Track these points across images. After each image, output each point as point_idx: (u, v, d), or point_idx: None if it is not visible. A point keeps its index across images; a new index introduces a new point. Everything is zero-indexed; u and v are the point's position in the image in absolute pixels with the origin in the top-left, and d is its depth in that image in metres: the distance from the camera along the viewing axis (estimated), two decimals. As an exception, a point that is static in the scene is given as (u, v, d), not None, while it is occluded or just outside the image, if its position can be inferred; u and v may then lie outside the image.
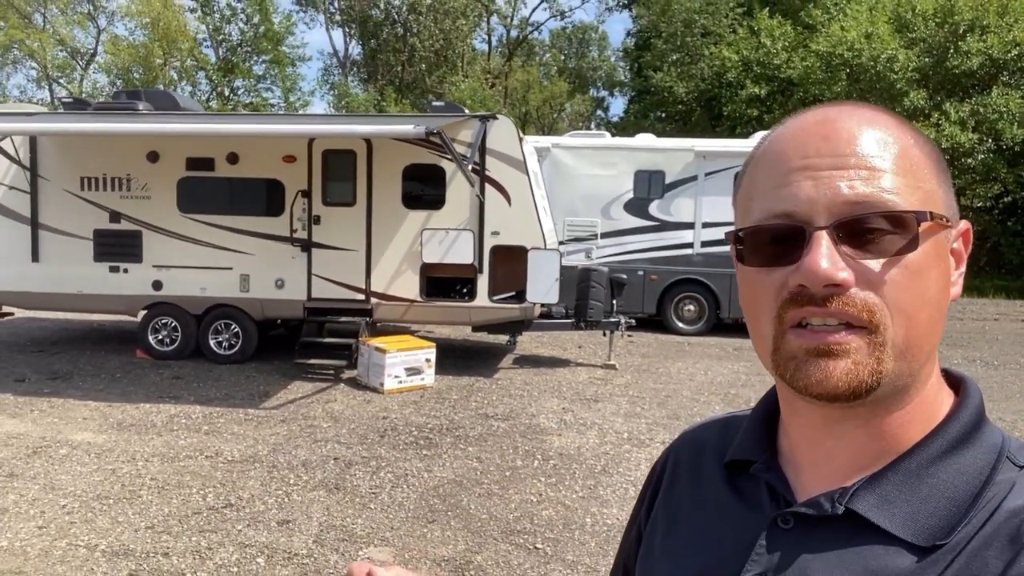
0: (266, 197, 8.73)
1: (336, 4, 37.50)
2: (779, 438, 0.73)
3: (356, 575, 0.74)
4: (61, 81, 30.92)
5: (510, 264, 8.56)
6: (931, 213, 0.61)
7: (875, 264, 0.60)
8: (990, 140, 20.90)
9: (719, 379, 8.96)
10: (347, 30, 37.78)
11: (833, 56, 22.67)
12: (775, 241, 0.63)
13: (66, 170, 8.89)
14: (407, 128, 6.52)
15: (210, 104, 30.08)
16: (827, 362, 0.60)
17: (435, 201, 8.56)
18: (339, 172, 8.64)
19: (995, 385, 8.90)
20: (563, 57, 47.55)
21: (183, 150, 8.69)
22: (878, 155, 0.62)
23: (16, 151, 8.83)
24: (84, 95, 30.36)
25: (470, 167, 7.79)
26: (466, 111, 9.33)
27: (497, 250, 8.49)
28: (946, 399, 0.68)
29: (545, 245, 8.49)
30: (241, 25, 31.20)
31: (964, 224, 0.68)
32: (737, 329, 12.29)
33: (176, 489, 4.90)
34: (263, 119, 10.18)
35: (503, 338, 9.93)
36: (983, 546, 0.59)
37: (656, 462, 0.88)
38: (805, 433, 0.69)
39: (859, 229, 0.60)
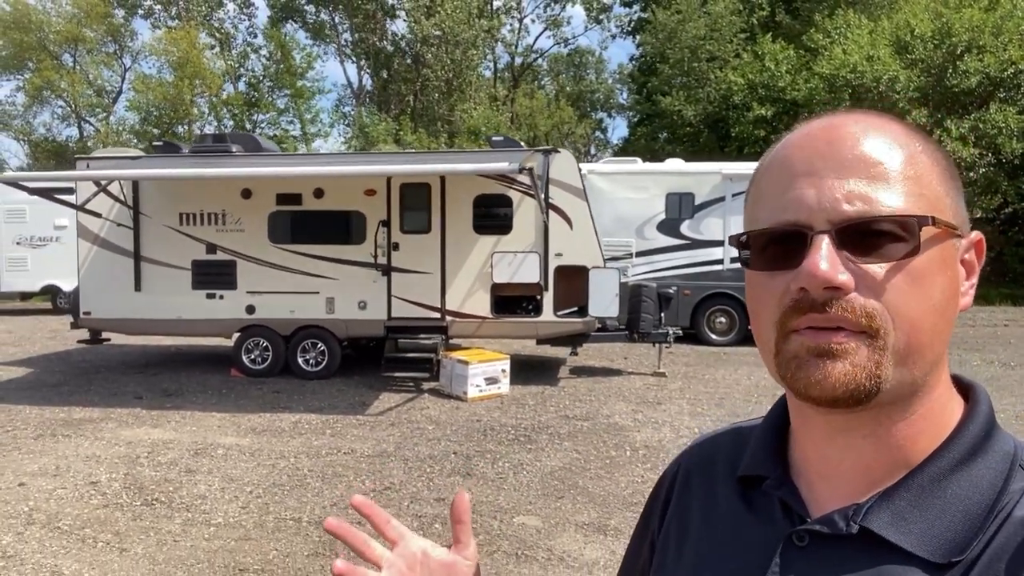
0: (349, 227, 9.66)
1: (348, 38, 38.78)
2: (790, 450, 0.73)
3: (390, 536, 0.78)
4: (90, 120, 32.01)
5: (571, 282, 9.45)
6: (934, 218, 0.60)
7: (876, 269, 0.60)
8: (990, 154, 21.87)
9: (763, 383, 9.81)
10: (359, 64, 39.02)
11: (836, 78, 23.71)
12: (778, 244, 0.63)
13: (166, 207, 9.82)
14: (504, 165, 7.45)
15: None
16: (826, 362, 0.60)
17: (503, 227, 9.48)
18: (415, 203, 9.58)
19: (1015, 383, 9.74)
20: (560, 80, 48.98)
21: (274, 187, 9.61)
22: (883, 160, 0.61)
23: (121, 191, 9.76)
24: (111, 132, 31.46)
25: (540, 196, 8.71)
26: (523, 144, 10.29)
27: (560, 270, 9.39)
28: (956, 408, 0.67)
29: (604, 264, 9.40)
30: (264, 61, 32.42)
31: (976, 235, 0.66)
32: (767, 339, 13.14)
33: (335, 478, 5.76)
34: (350, 159, 11.15)
35: (553, 350, 10.83)
36: (995, 559, 0.59)
37: (664, 473, 0.87)
38: (814, 443, 0.68)
39: (860, 234, 0.60)
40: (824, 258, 0.59)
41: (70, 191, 10.17)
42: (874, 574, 0.61)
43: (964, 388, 0.69)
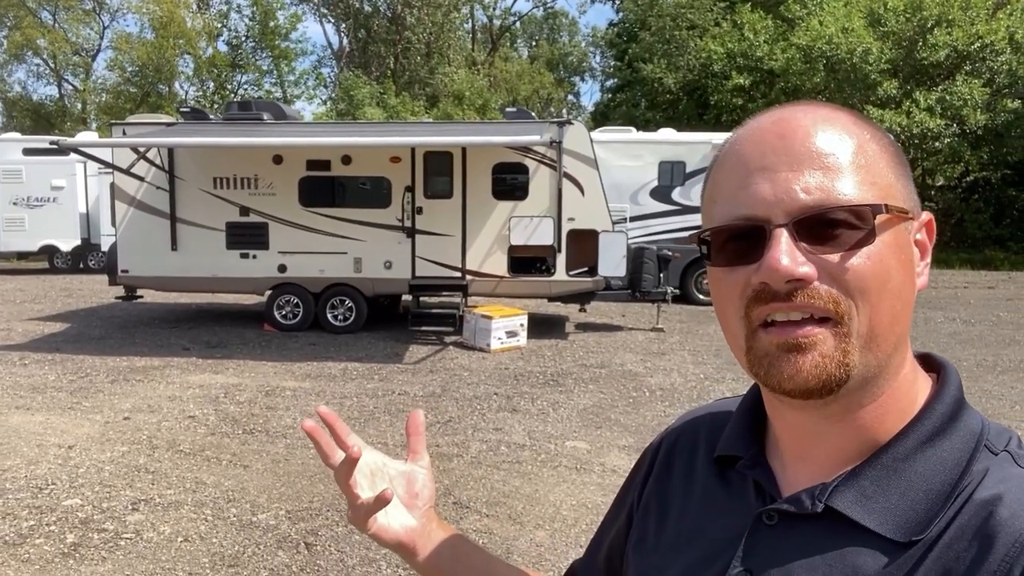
0: (376, 192, 10.38)
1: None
2: (767, 431, 0.75)
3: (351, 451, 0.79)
4: (68, 78, 31.72)
5: (582, 244, 10.31)
6: (886, 205, 0.62)
7: (835, 257, 0.61)
8: (955, 125, 23.00)
9: (752, 336, 10.83)
10: (337, 25, 38.91)
11: (812, 49, 24.59)
12: (736, 240, 0.64)
13: (200, 172, 10.41)
14: (536, 138, 8.22)
15: (215, 99, 31.24)
16: (796, 357, 0.61)
17: (520, 193, 10.27)
18: (438, 170, 10.31)
19: (975, 337, 10.89)
20: (534, 43, 49.34)
21: (304, 154, 10.26)
22: (834, 151, 0.62)
23: (158, 155, 10.32)
24: (91, 91, 31.22)
25: (561, 166, 9.51)
26: (534, 115, 11.03)
27: (573, 233, 10.23)
28: (923, 387, 0.68)
29: (613, 228, 10.27)
30: (247, 21, 32.33)
31: (927, 216, 0.68)
32: (751, 298, 14.23)
33: (400, 414, 6.61)
34: (382, 129, 11.83)
35: (555, 308, 11.74)
36: (955, 539, 0.60)
37: (650, 445, 0.89)
38: (786, 429, 0.70)
39: (817, 224, 0.61)
40: (784, 252, 0.60)
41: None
42: (837, 550, 0.63)
43: (936, 368, 0.70)
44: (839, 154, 0.62)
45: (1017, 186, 25.27)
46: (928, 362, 0.71)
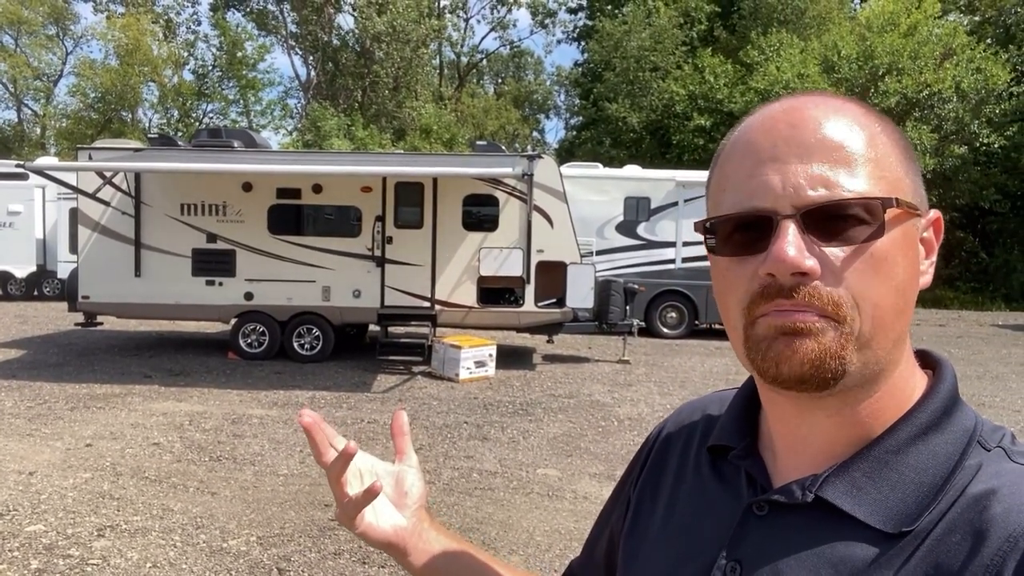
0: (346, 221, 10.39)
1: (293, 29, 38.70)
2: (760, 422, 0.74)
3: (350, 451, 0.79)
4: (28, 103, 31.23)
5: (550, 276, 10.43)
6: (897, 200, 0.61)
7: (841, 252, 0.60)
8: (906, 169, 23.89)
9: (716, 369, 11.03)
10: (305, 58, 39.02)
11: (770, 93, 25.42)
12: (744, 230, 0.63)
13: (168, 198, 10.32)
14: (508, 171, 8.36)
15: (179, 127, 30.99)
16: (793, 340, 0.60)
17: (490, 224, 10.38)
18: (409, 200, 10.38)
19: (928, 371, 11.23)
20: (500, 80, 50.18)
21: (274, 181, 10.25)
22: (844, 143, 0.61)
23: (124, 180, 10.21)
24: (52, 116, 30.75)
25: (531, 199, 9.66)
26: (504, 148, 11.22)
27: (541, 265, 10.35)
28: (919, 382, 0.67)
29: (581, 260, 10.42)
30: (214, 51, 32.27)
31: (935, 213, 0.67)
32: (712, 333, 14.50)
33: (369, 442, 6.56)
34: (357, 159, 11.84)
35: (522, 339, 11.79)
36: (947, 532, 0.59)
37: (649, 435, 0.89)
38: (780, 421, 0.69)
39: (826, 217, 0.60)
40: (791, 244, 0.59)
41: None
42: (826, 541, 0.62)
43: (932, 364, 0.70)
44: (850, 146, 0.61)
45: (965, 228, 26.29)
46: (924, 358, 0.70)
